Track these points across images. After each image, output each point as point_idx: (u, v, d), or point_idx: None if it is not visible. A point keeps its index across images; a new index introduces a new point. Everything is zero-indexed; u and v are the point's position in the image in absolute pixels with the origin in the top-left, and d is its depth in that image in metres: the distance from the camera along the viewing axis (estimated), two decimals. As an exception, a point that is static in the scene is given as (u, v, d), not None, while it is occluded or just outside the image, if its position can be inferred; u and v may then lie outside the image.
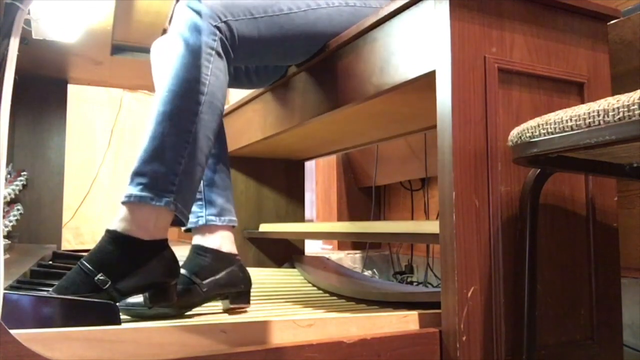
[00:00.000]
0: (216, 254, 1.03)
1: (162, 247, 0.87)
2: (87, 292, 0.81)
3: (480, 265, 0.81)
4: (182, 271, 0.97)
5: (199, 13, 0.95)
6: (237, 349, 0.71)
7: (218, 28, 0.96)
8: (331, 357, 0.74)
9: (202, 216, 1.05)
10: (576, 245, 0.92)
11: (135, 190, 0.85)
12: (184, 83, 0.89)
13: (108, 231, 0.85)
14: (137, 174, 0.86)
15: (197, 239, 1.05)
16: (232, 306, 1.03)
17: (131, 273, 0.84)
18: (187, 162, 0.87)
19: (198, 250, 1.03)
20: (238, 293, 1.03)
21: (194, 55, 0.91)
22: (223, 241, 1.05)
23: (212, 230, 1.05)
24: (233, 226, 1.09)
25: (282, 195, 1.86)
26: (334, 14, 1.12)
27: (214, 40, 0.95)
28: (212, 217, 1.06)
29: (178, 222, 0.90)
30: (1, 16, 0.62)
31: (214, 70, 0.94)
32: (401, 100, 1.09)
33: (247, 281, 1.05)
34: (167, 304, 0.91)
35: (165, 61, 0.93)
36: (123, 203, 0.86)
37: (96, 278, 0.82)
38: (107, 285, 0.82)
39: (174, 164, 0.86)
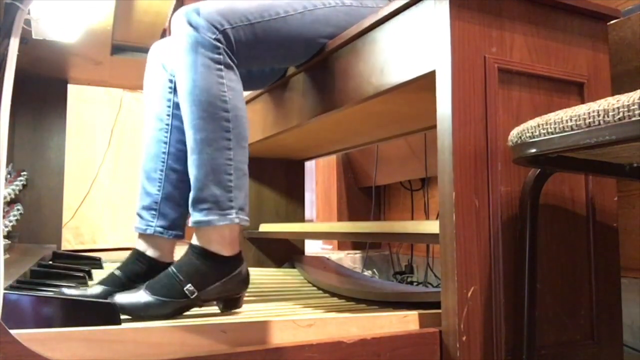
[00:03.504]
0: (154, 262, 1.08)
1: (240, 262, 0.98)
2: (178, 297, 0.91)
3: (480, 265, 0.81)
4: (117, 272, 1.04)
5: (196, 29, 0.97)
6: (237, 349, 0.71)
7: (218, 40, 0.98)
8: (331, 357, 0.74)
9: (151, 226, 1.08)
10: (576, 245, 0.92)
11: (201, 217, 0.94)
12: (208, 107, 0.95)
13: (194, 246, 0.95)
14: (197, 201, 0.94)
15: (140, 246, 1.09)
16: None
17: (214, 285, 0.94)
18: (235, 177, 0.96)
19: (137, 256, 1.08)
20: None
21: (206, 76, 0.96)
22: (163, 252, 1.10)
23: (156, 240, 1.08)
24: (181, 237, 1.15)
25: (282, 195, 1.86)
26: (330, 14, 1.12)
27: (219, 54, 0.98)
28: (160, 229, 1.09)
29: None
30: (1, 16, 0.62)
31: (229, 83, 0.98)
32: (401, 100, 1.09)
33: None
34: (237, 309, 1.00)
35: (181, 85, 0.97)
36: (197, 229, 0.95)
37: (185, 287, 0.91)
38: (195, 295, 0.92)
39: (225, 183, 0.95)
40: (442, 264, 0.82)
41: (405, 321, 0.86)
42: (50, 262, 1.26)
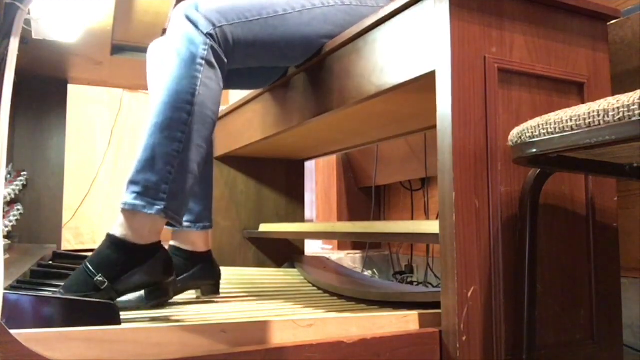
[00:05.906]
0: (190, 254, 1.15)
1: (155, 249, 0.94)
2: (88, 291, 0.88)
3: (480, 265, 0.81)
4: None
5: (193, 23, 0.98)
6: (237, 349, 0.71)
7: (211, 35, 0.99)
8: (331, 357, 0.74)
9: None
10: (576, 245, 0.92)
11: (129, 199, 0.91)
12: (174, 95, 0.94)
13: (108, 235, 0.92)
14: (131, 182, 0.91)
15: (175, 241, 1.17)
16: (203, 297, 1.18)
17: (127, 274, 0.91)
18: (177, 170, 0.92)
19: (174, 251, 1.15)
20: (208, 286, 1.19)
21: (184, 67, 0.95)
22: (197, 243, 1.17)
23: (187, 234, 1.17)
24: (209, 228, 1.22)
25: (282, 195, 1.86)
26: (329, 13, 1.12)
27: (205, 50, 0.98)
28: (189, 224, 1.17)
29: (172, 224, 0.98)
30: (1, 16, 0.62)
31: (204, 80, 0.97)
32: (401, 100, 1.09)
33: (216, 276, 1.20)
34: (165, 300, 1.00)
35: (160, 71, 0.97)
36: (121, 210, 0.92)
37: (95, 279, 0.88)
38: (105, 286, 0.89)
39: (164, 173, 0.91)
40: (442, 264, 0.82)
41: (405, 321, 0.86)
42: (50, 262, 1.26)
